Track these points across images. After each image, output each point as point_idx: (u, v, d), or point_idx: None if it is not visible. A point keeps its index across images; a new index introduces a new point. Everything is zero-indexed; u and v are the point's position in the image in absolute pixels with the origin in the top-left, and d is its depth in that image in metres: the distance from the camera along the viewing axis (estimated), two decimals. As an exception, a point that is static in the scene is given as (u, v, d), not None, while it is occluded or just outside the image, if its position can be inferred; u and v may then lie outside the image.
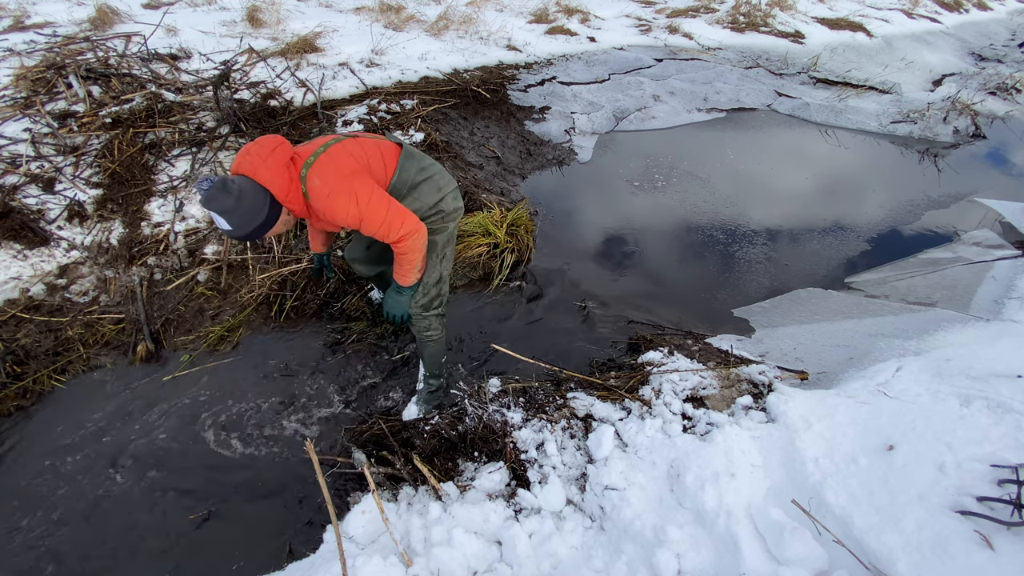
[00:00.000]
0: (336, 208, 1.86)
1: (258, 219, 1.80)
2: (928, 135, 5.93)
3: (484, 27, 6.42)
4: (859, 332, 3.11)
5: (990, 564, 1.49)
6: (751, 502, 1.86)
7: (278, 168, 1.81)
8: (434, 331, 2.39)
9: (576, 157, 4.87)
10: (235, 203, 1.74)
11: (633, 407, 2.35)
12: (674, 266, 3.76)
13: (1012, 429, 1.86)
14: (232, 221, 1.76)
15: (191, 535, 2.15)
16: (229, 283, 3.19)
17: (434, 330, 2.38)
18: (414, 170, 2.12)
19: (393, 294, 2.22)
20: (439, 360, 2.54)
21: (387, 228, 1.93)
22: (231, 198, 1.73)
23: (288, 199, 1.86)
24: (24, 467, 2.36)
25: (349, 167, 1.89)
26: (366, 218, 1.88)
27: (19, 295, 2.92)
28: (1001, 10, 12.44)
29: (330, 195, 1.84)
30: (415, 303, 2.29)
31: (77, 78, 3.89)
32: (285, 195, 1.84)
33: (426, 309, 2.31)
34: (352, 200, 1.85)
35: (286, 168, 1.83)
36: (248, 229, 1.81)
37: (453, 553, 1.74)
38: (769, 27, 8.19)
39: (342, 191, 1.84)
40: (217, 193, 1.71)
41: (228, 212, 1.74)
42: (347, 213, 1.86)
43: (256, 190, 1.79)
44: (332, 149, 1.92)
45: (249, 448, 2.46)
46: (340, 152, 1.92)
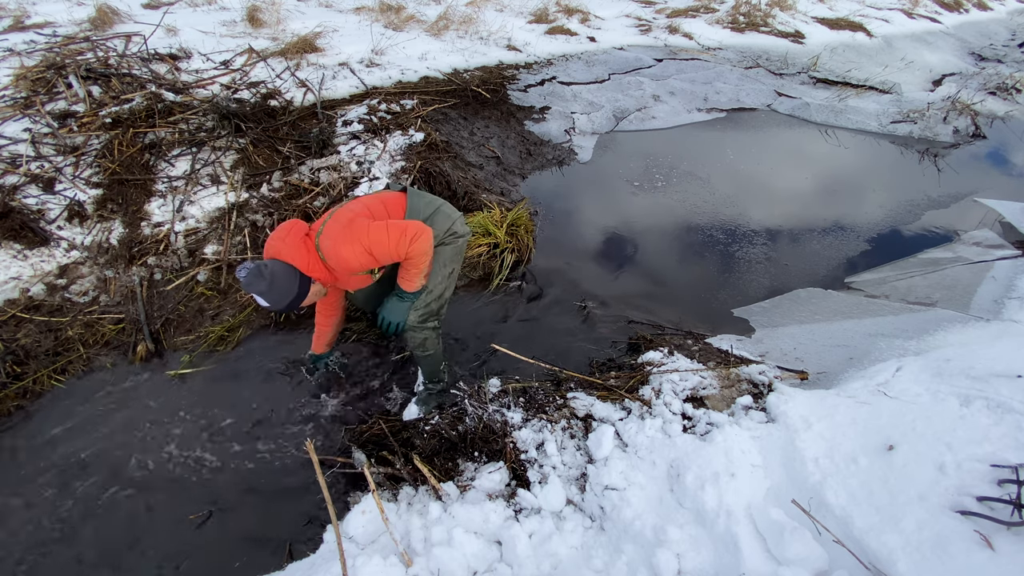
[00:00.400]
0: (344, 255, 2.02)
1: (291, 295, 2.02)
2: (928, 135, 5.93)
3: (484, 27, 6.42)
4: (859, 332, 3.11)
5: (990, 564, 1.49)
6: (751, 502, 1.86)
7: (296, 245, 2.04)
8: (430, 345, 2.44)
9: (576, 157, 4.87)
10: (269, 285, 1.97)
11: (633, 407, 2.35)
12: (674, 266, 3.76)
13: (1012, 429, 1.86)
14: (270, 300, 1.99)
15: (191, 535, 2.15)
16: (229, 283, 3.19)
17: (430, 344, 2.43)
18: (422, 204, 2.28)
19: (394, 300, 2.27)
20: (437, 369, 2.58)
21: (396, 243, 2.03)
22: (265, 281, 1.96)
23: (310, 269, 2.06)
24: (24, 467, 2.36)
25: (347, 217, 2.06)
26: (374, 246, 2.02)
27: (19, 295, 2.92)
28: (1001, 10, 12.44)
29: (335, 246, 2.01)
30: (414, 312, 2.34)
31: (77, 78, 3.89)
32: (307, 267, 2.05)
33: (423, 322, 2.36)
34: (354, 240, 2.00)
35: (303, 243, 2.05)
36: (284, 304, 2.03)
37: (453, 553, 1.74)
38: (769, 27, 8.19)
39: (344, 238, 2.01)
40: (253, 279, 1.95)
41: (264, 293, 1.97)
42: (355, 252, 2.01)
43: (286, 270, 2.01)
44: (336, 212, 2.12)
45: (249, 448, 2.46)
46: (341, 210, 2.12)
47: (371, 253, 2.03)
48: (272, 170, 3.72)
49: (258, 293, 1.98)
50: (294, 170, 3.75)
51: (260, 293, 1.98)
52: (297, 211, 3.50)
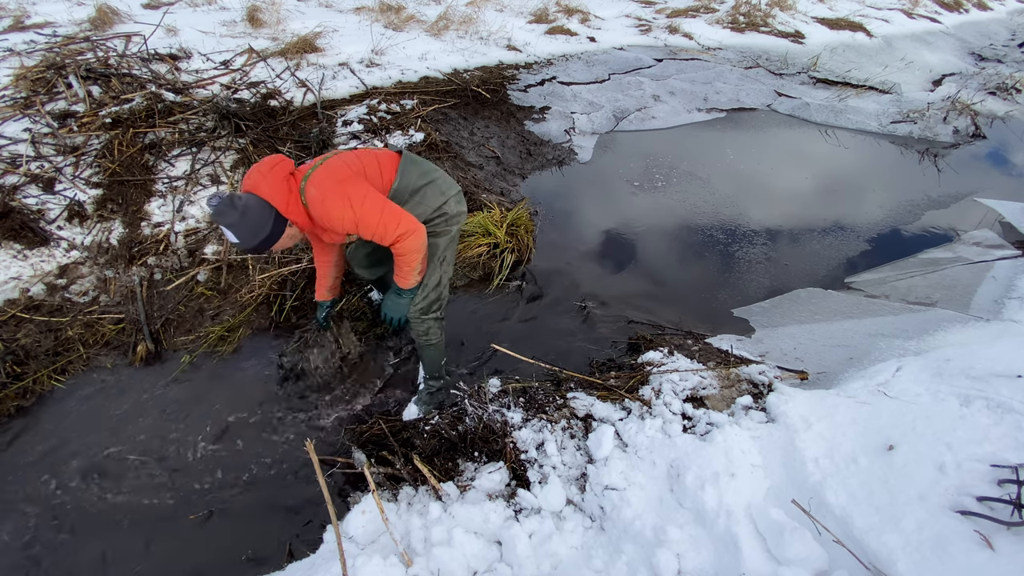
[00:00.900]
0: (331, 213, 1.91)
1: (263, 232, 1.90)
2: (928, 135, 5.93)
3: (484, 27, 6.42)
4: (859, 332, 3.11)
5: (990, 564, 1.49)
6: (751, 502, 1.86)
7: (277, 182, 1.91)
8: (433, 335, 2.40)
9: (576, 157, 4.87)
10: (240, 217, 1.84)
11: (633, 407, 2.35)
12: (674, 266, 3.76)
13: (1012, 429, 1.86)
14: (239, 234, 1.87)
15: (192, 535, 2.15)
16: (229, 283, 3.19)
17: (433, 334, 2.40)
18: (416, 175, 2.15)
19: (392, 296, 2.23)
20: (439, 363, 2.54)
21: (383, 229, 1.95)
22: (236, 212, 1.83)
23: (289, 211, 1.94)
24: (24, 467, 2.36)
25: (343, 173, 1.94)
26: (361, 220, 1.92)
27: (19, 295, 2.92)
28: (1001, 10, 12.44)
29: (324, 201, 1.90)
30: (414, 306, 2.30)
31: (77, 78, 3.89)
32: (286, 207, 1.93)
33: (424, 312, 2.33)
34: (346, 204, 1.90)
35: (285, 181, 1.92)
36: (254, 241, 1.91)
37: (453, 553, 1.74)
38: (769, 27, 8.19)
39: (336, 196, 1.90)
40: (224, 208, 1.83)
41: (234, 225, 1.85)
42: (342, 217, 1.91)
43: (261, 206, 1.88)
44: (329, 160, 2.00)
45: (249, 448, 2.46)
46: (336, 161, 1.99)
47: (357, 225, 1.94)
48: (272, 170, 3.72)
49: (227, 225, 1.85)
50: (294, 170, 3.74)
51: (229, 225, 1.85)
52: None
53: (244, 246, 1.92)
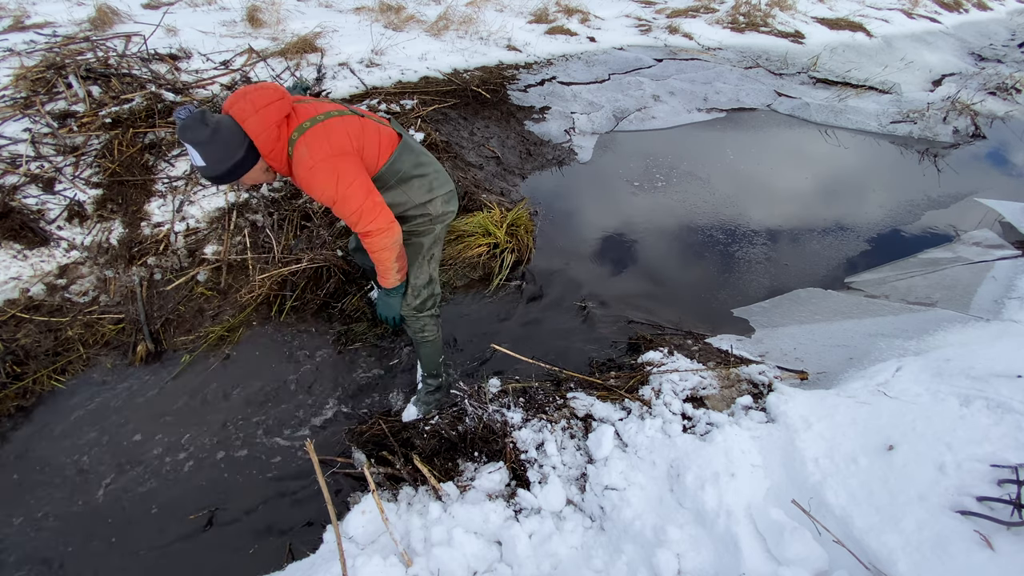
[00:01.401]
0: (314, 183, 1.81)
1: (233, 157, 1.73)
2: (928, 135, 5.93)
3: (484, 27, 6.42)
4: (859, 332, 3.11)
5: (990, 564, 1.49)
6: (751, 502, 1.86)
7: (268, 125, 1.75)
8: (429, 332, 2.39)
9: (576, 157, 4.87)
10: (210, 135, 1.67)
11: (633, 407, 2.35)
12: (674, 266, 3.76)
13: (1012, 429, 1.86)
14: (206, 156, 1.69)
15: (192, 535, 2.15)
16: (229, 283, 3.19)
17: (428, 331, 2.39)
18: (409, 164, 2.08)
19: (382, 296, 2.22)
20: (436, 360, 2.54)
21: (358, 216, 1.87)
22: (207, 130, 1.66)
23: (270, 156, 1.81)
24: (24, 468, 2.36)
25: (340, 146, 1.83)
26: (341, 200, 1.83)
27: (19, 295, 2.92)
28: (1001, 10, 12.43)
29: (313, 168, 1.79)
30: (407, 305, 2.29)
31: (77, 78, 3.89)
32: (268, 151, 1.79)
33: (419, 311, 2.32)
34: (333, 180, 1.80)
35: (277, 127, 1.77)
36: (220, 168, 1.73)
37: (453, 553, 1.74)
38: (769, 27, 8.19)
39: (326, 168, 1.79)
40: (193, 123, 1.64)
41: (202, 144, 1.67)
42: (323, 191, 1.82)
43: (236, 130, 1.73)
44: (331, 121, 1.85)
45: (249, 448, 2.46)
46: (338, 127, 1.86)
47: (334, 203, 1.85)
48: (272, 170, 3.72)
49: (194, 143, 1.66)
50: (294, 170, 3.75)
51: (196, 144, 1.66)
52: (297, 211, 3.51)
53: (209, 172, 1.73)
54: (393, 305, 2.20)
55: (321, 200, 1.87)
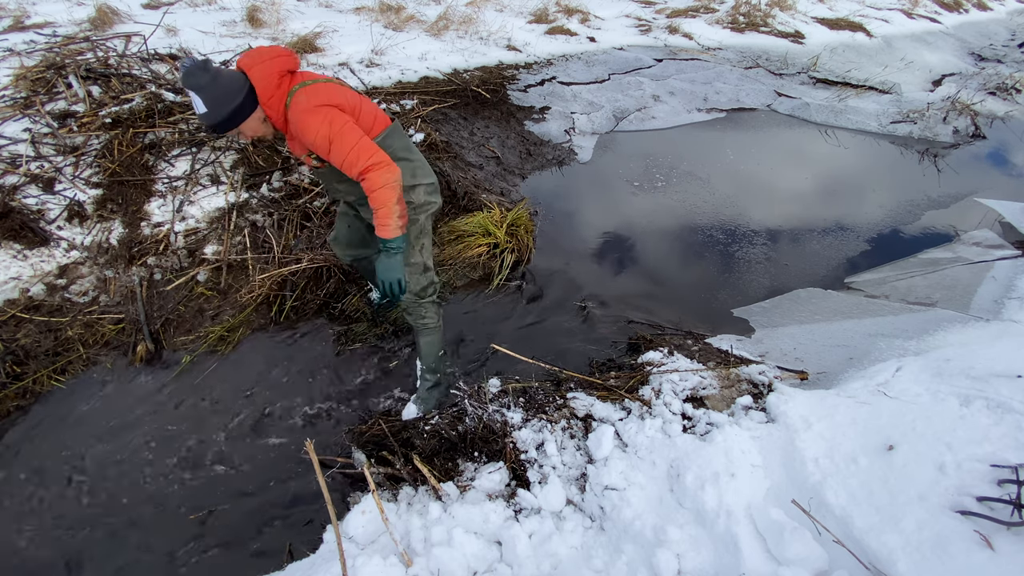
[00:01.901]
0: (309, 124, 1.85)
1: (232, 102, 1.81)
2: (928, 135, 5.93)
3: (484, 27, 6.42)
4: (859, 332, 3.11)
5: (990, 564, 1.49)
6: (751, 502, 1.86)
7: (271, 74, 1.86)
8: (430, 319, 2.43)
9: (576, 157, 4.87)
10: (211, 80, 1.76)
11: (633, 407, 2.35)
12: (674, 266, 3.76)
13: (1012, 429, 1.86)
14: (206, 99, 1.78)
15: (192, 535, 2.15)
16: (229, 283, 3.19)
17: (430, 317, 2.43)
18: (398, 145, 2.16)
19: (383, 258, 2.04)
20: (436, 353, 2.55)
21: (355, 155, 1.87)
22: (207, 76, 1.76)
23: (268, 103, 1.89)
24: (23, 468, 2.36)
25: (337, 99, 1.92)
26: (335, 140, 1.86)
27: (19, 295, 2.92)
28: (1001, 10, 12.44)
29: (306, 111, 1.85)
30: (409, 290, 2.30)
31: (77, 78, 3.88)
32: (267, 99, 1.88)
33: (421, 296, 2.37)
34: (326, 121, 1.85)
35: (279, 76, 1.88)
36: (221, 113, 1.81)
37: (453, 553, 1.74)
38: (769, 27, 8.19)
39: (319, 112, 1.86)
40: (196, 70, 1.75)
41: (203, 89, 1.76)
42: (317, 132, 1.86)
43: (237, 77, 1.84)
44: (332, 85, 1.97)
45: (249, 448, 2.46)
46: (337, 89, 1.97)
47: (330, 145, 1.87)
48: (272, 170, 3.72)
49: (195, 88, 1.76)
50: (294, 170, 3.75)
51: (198, 89, 1.76)
52: (297, 211, 3.51)
53: (210, 118, 1.82)
54: (394, 266, 2.03)
55: (315, 143, 1.88)
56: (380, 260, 2.06)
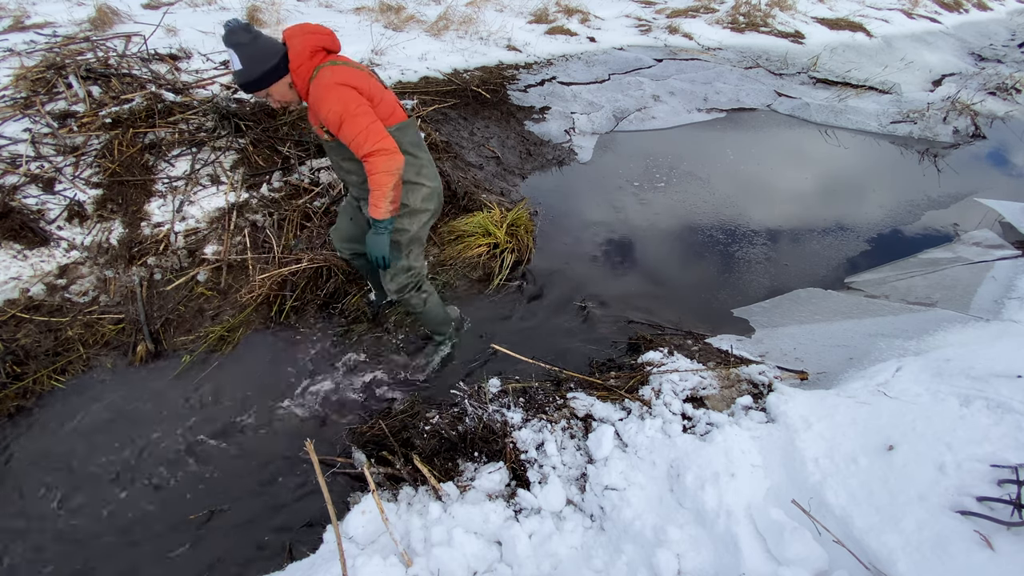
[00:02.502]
0: (325, 99, 1.97)
1: (267, 63, 1.94)
2: (928, 135, 5.93)
3: (484, 27, 6.42)
4: (859, 332, 3.11)
5: (990, 564, 1.49)
6: (751, 502, 1.86)
7: (306, 45, 1.99)
8: (416, 306, 2.60)
9: (576, 157, 4.87)
10: (251, 40, 1.91)
11: (633, 407, 2.35)
12: (674, 266, 3.76)
13: (1012, 429, 1.86)
14: (243, 58, 1.90)
15: (192, 535, 2.15)
16: (229, 283, 3.19)
17: (415, 305, 2.60)
18: (407, 141, 2.22)
19: (371, 234, 2.18)
20: (437, 322, 2.78)
21: (364, 137, 1.98)
22: (248, 35, 1.91)
23: (297, 71, 2.01)
24: (23, 468, 2.36)
25: (360, 84, 2.03)
26: (347, 119, 1.97)
27: (19, 295, 2.92)
28: (1001, 10, 12.43)
29: (326, 87, 1.97)
30: (390, 290, 2.45)
31: (77, 78, 3.89)
32: (296, 67, 2.00)
33: (401, 294, 2.51)
34: (342, 100, 1.97)
35: (312, 50, 2.01)
36: (257, 71, 1.94)
37: (453, 553, 1.74)
38: (769, 27, 8.19)
39: (338, 89, 1.97)
40: (238, 28, 1.90)
41: (242, 46, 1.90)
42: (331, 108, 1.97)
43: (275, 43, 1.98)
44: (362, 70, 2.10)
45: (249, 448, 2.46)
46: (364, 75, 2.09)
47: (341, 121, 1.98)
48: (272, 170, 3.73)
49: (235, 45, 1.90)
50: (294, 170, 3.75)
51: (237, 46, 1.90)
52: (297, 211, 3.51)
53: (243, 76, 1.94)
54: (381, 243, 2.18)
55: (327, 118, 2.00)
56: (369, 235, 2.21)
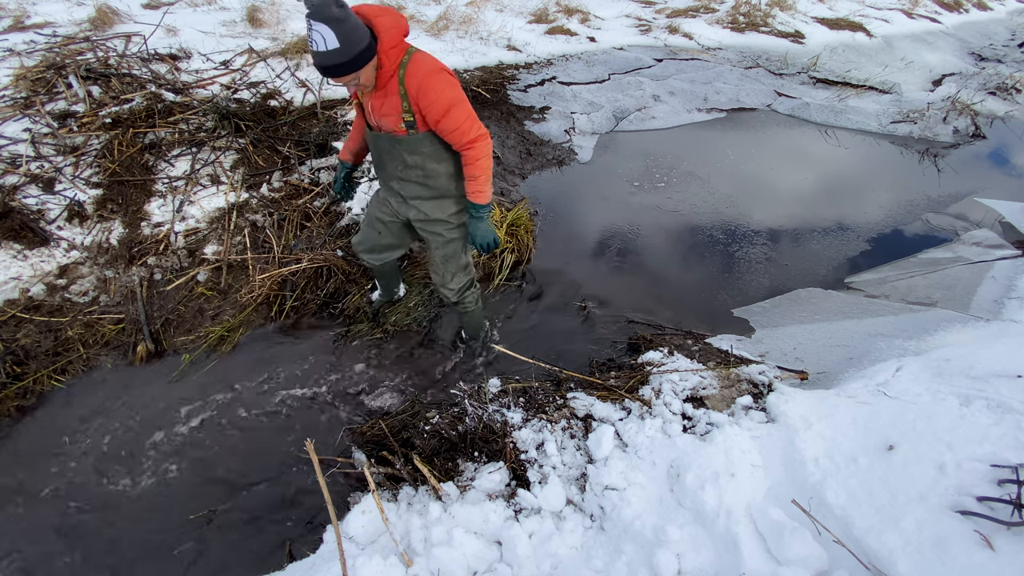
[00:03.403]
0: (433, 85, 1.87)
1: (363, 43, 1.74)
2: (928, 135, 5.93)
3: (484, 27, 6.42)
4: (859, 332, 3.11)
5: (990, 564, 1.49)
6: (751, 502, 1.86)
7: (398, 27, 1.83)
8: (471, 302, 2.66)
9: (576, 157, 4.87)
10: (346, 16, 1.68)
11: (633, 407, 2.35)
12: (674, 266, 3.76)
13: (1012, 429, 1.86)
14: (340, 34, 1.68)
15: (192, 535, 2.15)
16: (229, 283, 3.19)
17: (471, 301, 2.65)
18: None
19: (476, 223, 2.19)
20: (480, 320, 2.85)
21: (469, 124, 1.95)
22: (342, 9, 1.68)
23: (388, 53, 1.84)
24: (23, 469, 2.36)
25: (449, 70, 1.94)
26: (456, 106, 1.91)
27: (19, 295, 2.92)
28: (1001, 10, 12.43)
29: (433, 72, 1.87)
30: (452, 290, 2.52)
31: (77, 78, 3.89)
32: (388, 48, 1.83)
33: (461, 293, 2.57)
34: (450, 85, 1.90)
35: (404, 31, 1.86)
36: (352, 51, 1.73)
37: (453, 553, 1.74)
38: (769, 27, 8.19)
39: (445, 75, 1.90)
40: (330, 5, 1.65)
41: (337, 21, 1.67)
42: (441, 93, 1.88)
43: (362, 22, 1.78)
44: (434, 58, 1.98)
45: (249, 448, 2.46)
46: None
47: (449, 109, 1.90)
48: (272, 170, 3.73)
49: (329, 19, 1.66)
50: (294, 170, 3.75)
51: (331, 20, 1.66)
52: (297, 211, 3.51)
53: (342, 55, 1.71)
54: (488, 228, 2.20)
55: (434, 103, 1.90)
56: (474, 225, 2.19)
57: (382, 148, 2.14)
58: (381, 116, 2.01)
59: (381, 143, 2.11)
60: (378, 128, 2.08)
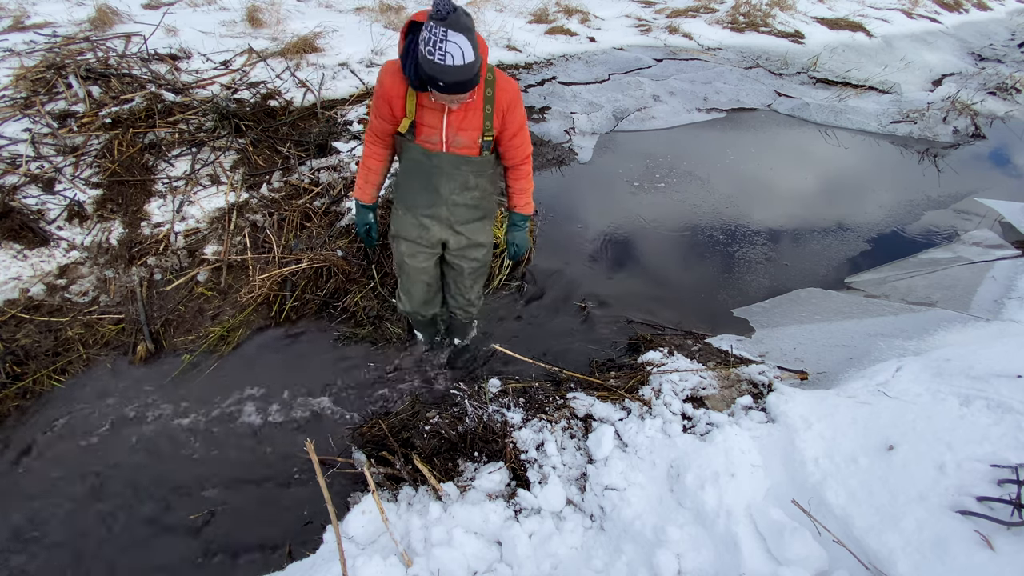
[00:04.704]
0: (519, 103, 1.96)
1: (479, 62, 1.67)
2: (928, 135, 5.93)
3: (484, 27, 6.42)
4: (859, 332, 3.11)
5: (990, 564, 1.49)
6: (751, 502, 1.86)
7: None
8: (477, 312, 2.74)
9: (576, 157, 4.87)
10: (473, 26, 1.58)
11: (633, 407, 2.35)
12: (674, 266, 3.76)
13: (1012, 429, 1.86)
14: (474, 45, 1.59)
15: (192, 535, 2.15)
16: (229, 283, 3.19)
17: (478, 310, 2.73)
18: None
19: (519, 232, 2.36)
20: (470, 328, 2.94)
21: (527, 140, 2.08)
22: (471, 20, 1.58)
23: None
24: (23, 469, 2.36)
25: None
26: (524, 124, 2.03)
27: (19, 295, 2.92)
28: (1001, 10, 12.43)
29: (518, 91, 1.96)
30: (475, 304, 2.62)
31: (77, 78, 3.89)
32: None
33: (478, 304, 2.66)
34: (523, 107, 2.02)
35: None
36: (480, 62, 1.65)
37: (453, 553, 1.74)
38: (769, 27, 8.19)
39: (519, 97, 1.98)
40: (461, 10, 1.53)
41: (471, 32, 1.57)
42: (522, 114, 2.00)
43: None
44: None
45: (249, 448, 2.46)
46: None
47: (522, 128, 2.00)
48: (272, 170, 3.72)
49: (466, 29, 1.54)
50: (294, 170, 3.75)
51: (467, 30, 1.54)
52: (297, 211, 3.50)
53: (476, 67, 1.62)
54: (525, 236, 2.38)
55: (516, 121, 1.99)
56: (515, 235, 2.36)
57: (441, 170, 1.98)
58: (458, 131, 1.88)
59: (442, 164, 1.96)
60: (444, 147, 1.93)
